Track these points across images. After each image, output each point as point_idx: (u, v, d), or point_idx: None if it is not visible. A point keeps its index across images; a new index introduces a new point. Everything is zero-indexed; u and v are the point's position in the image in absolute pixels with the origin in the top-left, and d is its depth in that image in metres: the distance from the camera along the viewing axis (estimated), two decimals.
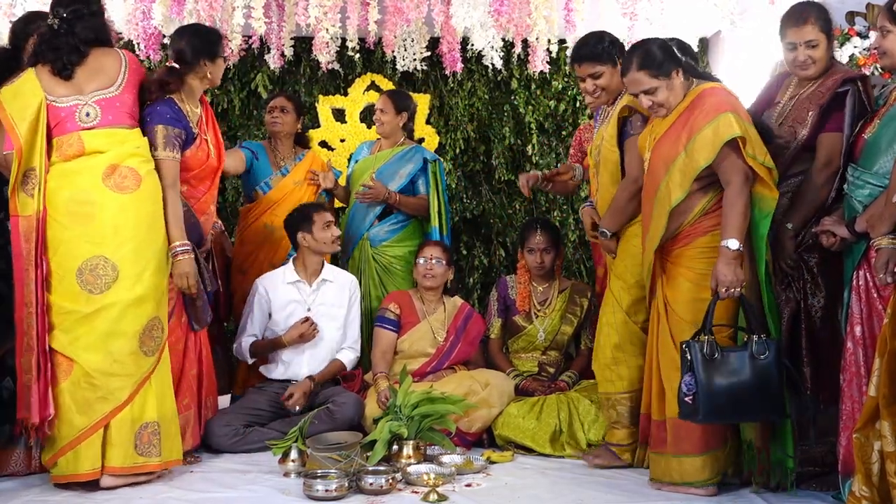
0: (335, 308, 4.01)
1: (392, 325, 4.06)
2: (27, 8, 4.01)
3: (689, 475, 2.97)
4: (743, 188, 2.88)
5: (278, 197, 4.35)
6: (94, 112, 3.15)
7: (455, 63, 4.92)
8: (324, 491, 2.95)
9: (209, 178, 3.61)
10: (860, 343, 2.74)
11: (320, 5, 4.27)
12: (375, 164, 4.53)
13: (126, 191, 3.12)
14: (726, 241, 2.84)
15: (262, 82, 5.42)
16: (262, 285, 3.99)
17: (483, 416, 3.72)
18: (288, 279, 3.99)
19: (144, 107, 3.34)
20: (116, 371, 3.04)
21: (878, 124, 2.85)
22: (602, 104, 3.56)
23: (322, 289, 4.01)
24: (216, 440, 3.63)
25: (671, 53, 3.05)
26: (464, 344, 4.08)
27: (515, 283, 4.25)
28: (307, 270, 4.01)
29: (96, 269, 3.05)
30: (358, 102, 5.58)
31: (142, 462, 3.09)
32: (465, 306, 4.20)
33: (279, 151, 4.46)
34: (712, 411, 2.76)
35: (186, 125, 3.43)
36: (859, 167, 2.85)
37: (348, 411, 3.73)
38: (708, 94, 3.01)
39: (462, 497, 2.98)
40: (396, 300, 4.12)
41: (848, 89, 2.99)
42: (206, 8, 4.19)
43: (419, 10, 4.33)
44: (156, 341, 3.15)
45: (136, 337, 3.08)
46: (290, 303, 3.96)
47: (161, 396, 3.16)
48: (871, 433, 2.52)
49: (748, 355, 2.77)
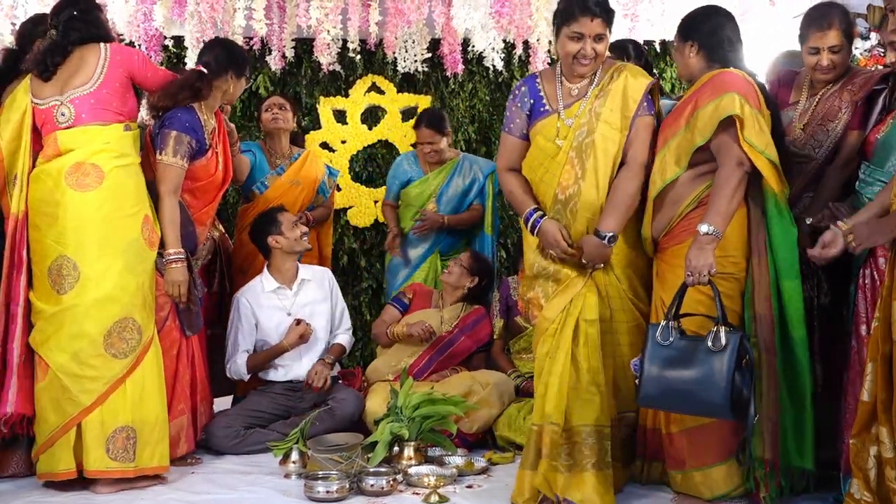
0: (318, 304, 4.00)
1: (401, 306, 4.19)
2: (29, 9, 4.02)
3: (719, 487, 2.82)
4: (732, 172, 2.73)
5: (275, 196, 4.33)
6: (69, 111, 3.14)
7: (456, 64, 4.92)
8: (325, 492, 2.95)
9: (214, 192, 3.62)
10: (865, 342, 2.72)
11: (321, 7, 4.28)
12: (433, 186, 4.58)
13: (87, 188, 3.08)
14: (701, 224, 2.70)
15: (264, 84, 5.42)
16: (243, 297, 3.93)
17: (484, 416, 3.72)
18: (267, 288, 3.94)
19: (160, 108, 3.37)
20: (82, 373, 3.01)
21: (891, 124, 2.84)
22: (590, 72, 3.00)
23: (303, 289, 4.00)
24: (217, 442, 3.63)
25: (693, 26, 2.99)
26: (467, 338, 4.09)
27: (518, 284, 4.24)
28: (284, 275, 3.97)
29: (61, 269, 3.05)
30: (359, 104, 5.58)
31: (115, 467, 3.02)
32: (480, 309, 4.22)
33: (276, 150, 4.45)
34: (647, 395, 2.64)
35: (201, 136, 3.44)
36: (871, 165, 2.85)
37: (348, 407, 3.73)
38: (723, 74, 2.86)
39: (463, 498, 2.98)
40: (416, 289, 4.27)
41: (883, 87, 2.97)
42: (207, 10, 4.20)
43: (420, 12, 4.34)
44: (128, 343, 3.07)
45: (101, 339, 3.03)
46: (276, 311, 3.92)
47: (139, 401, 3.08)
48: (866, 438, 2.51)
49: (703, 347, 2.56)
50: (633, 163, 2.94)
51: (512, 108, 3.09)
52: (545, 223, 2.95)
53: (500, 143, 3.20)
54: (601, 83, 2.96)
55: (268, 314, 3.92)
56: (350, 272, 5.44)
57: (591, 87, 2.98)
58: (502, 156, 3.16)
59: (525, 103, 3.06)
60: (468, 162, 4.66)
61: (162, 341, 3.36)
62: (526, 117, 3.06)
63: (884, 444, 2.43)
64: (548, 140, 2.99)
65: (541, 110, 3.02)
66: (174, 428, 3.37)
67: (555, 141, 2.98)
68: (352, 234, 5.55)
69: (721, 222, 2.71)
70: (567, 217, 2.96)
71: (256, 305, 3.92)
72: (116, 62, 3.21)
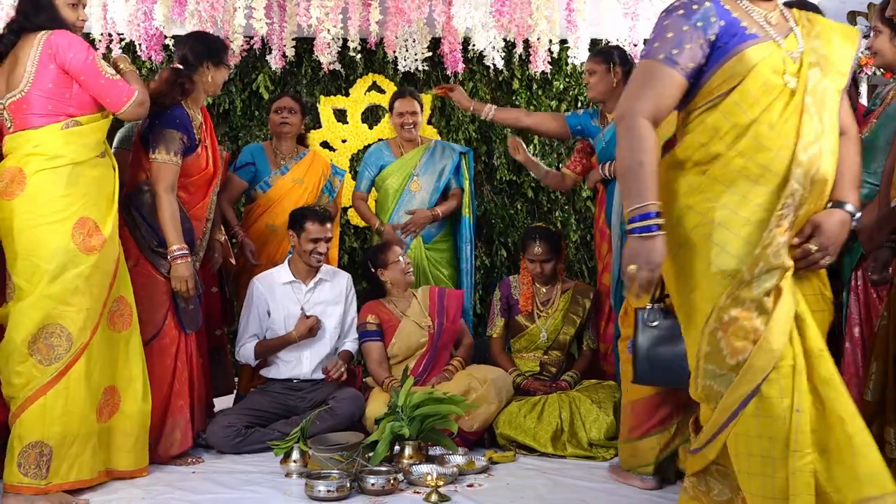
0: (331, 306, 4.01)
1: (376, 336, 4.03)
2: None
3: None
4: None
5: (278, 195, 4.35)
6: (8, 117, 3.01)
7: (456, 63, 4.93)
8: (325, 491, 2.95)
9: (205, 186, 3.61)
10: (858, 344, 2.73)
11: (322, 6, 4.28)
12: (411, 165, 4.56)
13: (12, 196, 2.92)
14: None
15: (264, 83, 5.43)
16: (258, 283, 3.99)
17: (483, 413, 3.72)
18: (283, 279, 3.99)
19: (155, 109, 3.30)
20: (12, 381, 2.90)
21: (875, 124, 2.85)
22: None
23: (318, 288, 4.02)
24: (218, 441, 3.63)
25: None
26: (447, 323, 4.08)
27: (519, 283, 4.25)
28: (301, 271, 4.01)
29: (2, 278, 3.00)
30: (359, 103, 5.58)
31: (27, 483, 2.83)
32: (433, 288, 4.21)
33: (281, 151, 4.45)
34: (641, 373, 2.61)
35: (192, 132, 3.44)
36: None
37: (348, 407, 3.73)
38: None
39: (464, 497, 2.98)
40: (372, 311, 4.09)
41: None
42: (207, 9, 4.21)
43: (420, 11, 4.34)
44: (55, 350, 2.90)
45: (26, 346, 2.87)
46: (287, 303, 3.96)
47: (60, 414, 2.89)
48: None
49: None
50: (854, 134, 2.27)
51: (682, 27, 2.10)
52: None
53: (642, 76, 2.14)
54: (799, 22, 2.21)
55: (279, 305, 3.95)
56: (350, 272, 5.37)
57: (789, 21, 2.19)
58: (646, 97, 2.11)
59: (710, 24, 2.10)
60: (440, 144, 4.69)
61: (161, 339, 3.37)
62: (708, 45, 2.11)
63: (889, 444, 2.42)
64: (775, 73, 2.09)
65: (744, 35, 2.11)
66: (171, 426, 3.37)
67: (783, 77, 2.10)
68: (352, 234, 5.56)
69: None
70: (804, 188, 2.06)
71: (270, 293, 3.95)
72: (47, 57, 2.95)
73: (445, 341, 4.08)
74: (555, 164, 5.63)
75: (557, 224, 5.55)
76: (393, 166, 4.59)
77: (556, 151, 5.64)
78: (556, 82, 5.60)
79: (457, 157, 4.61)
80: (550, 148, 5.65)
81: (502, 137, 5.62)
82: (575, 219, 5.61)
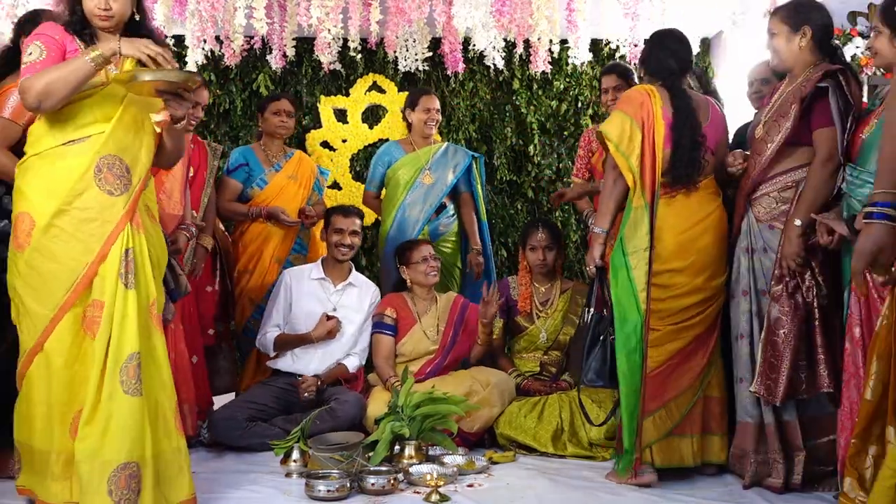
0: (354, 312, 4.04)
1: (390, 331, 4.01)
2: (29, 8, 4.01)
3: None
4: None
5: (274, 192, 4.39)
6: None
7: (457, 63, 4.93)
8: (325, 491, 2.95)
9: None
10: (859, 344, 2.72)
11: (322, 6, 4.28)
12: (423, 159, 4.57)
13: None
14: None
15: (264, 83, 5.43)
16: (288, 275, 4.06)
17: (484, 415, 3.72)
18: (314, 275, 4.04)
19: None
20: None
21: (875, 123, 2.84)
22: None
23: (346, 291, 4.05)
24: (220, 432, 3.65)
25: None
26: (464, 336, 4.07)
27: (517, 283, 4.25)
28: (333, 272, 4.06)
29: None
30: (360, 103, 5.59)
31: None
32: (459, 298, 4.20)
33: (271, 150, 4.50)
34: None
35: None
36: (858, 166, 2.84)
37: (350, 409, 3.73)
38: None
39: (464, 497, 2.98)
40: (392, 304, 4.08)
41: (828, 84, 2.97)
42: (207, 9, 4.21)
43: (421, 11, 4.34)
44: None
45: None
46: (312, 299, 3.99)
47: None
48: (867, 438, 2.49)
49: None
50: None
51: None
52: None
53: None
54: None
55: (304, 300, 3.98)
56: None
57: None
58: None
59: None
60: (453, 146, 4.72)
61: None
62: None
63: (890, 443, 2.41)
64: None
65: None
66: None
67: None
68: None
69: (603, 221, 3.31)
70: None
71: (297, 287, 4.00)
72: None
73: (458, 352, 4.06)
74: (555, 164, 5.64)
75: (557, 224, 5.54)
76: (405, 159, 4.59)
77: (557, 152, 5.64)
78: (557, 82, 5.61)
79: (468, 159, 4.63)
80: (551, 148, 5.65)
81: (502, 138, 5.62)
82: (575, 219, 5.61)
